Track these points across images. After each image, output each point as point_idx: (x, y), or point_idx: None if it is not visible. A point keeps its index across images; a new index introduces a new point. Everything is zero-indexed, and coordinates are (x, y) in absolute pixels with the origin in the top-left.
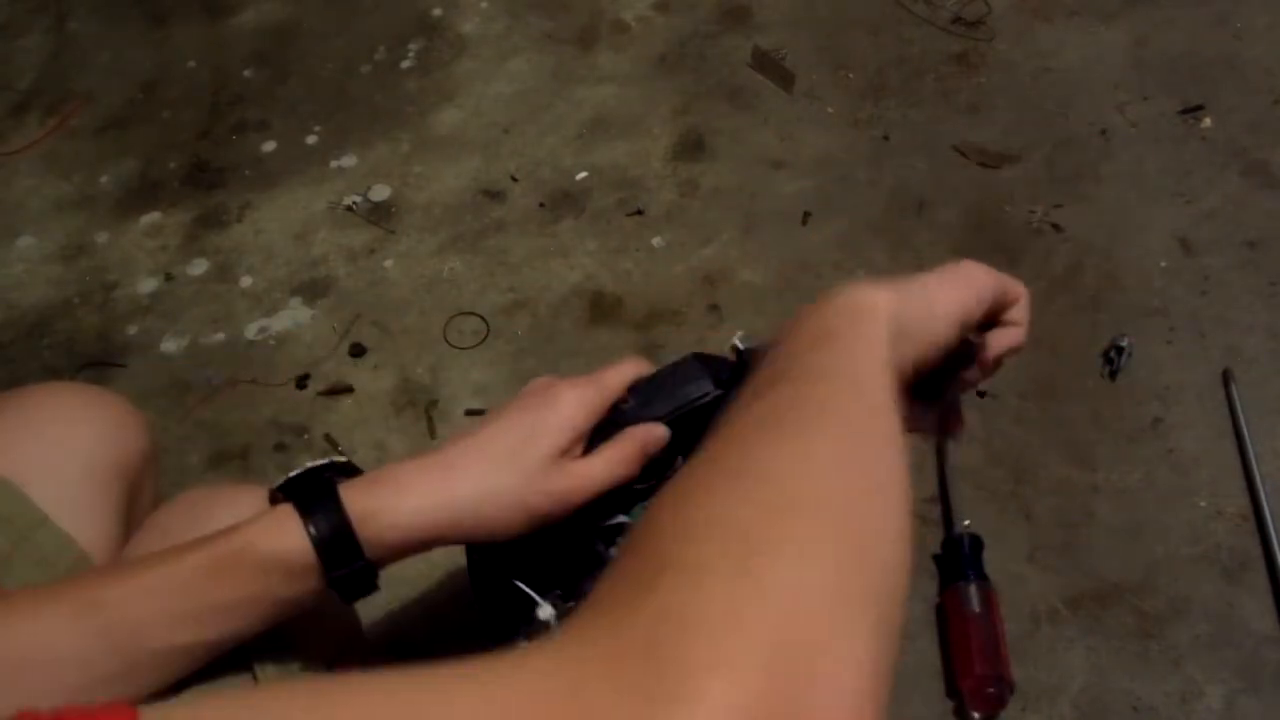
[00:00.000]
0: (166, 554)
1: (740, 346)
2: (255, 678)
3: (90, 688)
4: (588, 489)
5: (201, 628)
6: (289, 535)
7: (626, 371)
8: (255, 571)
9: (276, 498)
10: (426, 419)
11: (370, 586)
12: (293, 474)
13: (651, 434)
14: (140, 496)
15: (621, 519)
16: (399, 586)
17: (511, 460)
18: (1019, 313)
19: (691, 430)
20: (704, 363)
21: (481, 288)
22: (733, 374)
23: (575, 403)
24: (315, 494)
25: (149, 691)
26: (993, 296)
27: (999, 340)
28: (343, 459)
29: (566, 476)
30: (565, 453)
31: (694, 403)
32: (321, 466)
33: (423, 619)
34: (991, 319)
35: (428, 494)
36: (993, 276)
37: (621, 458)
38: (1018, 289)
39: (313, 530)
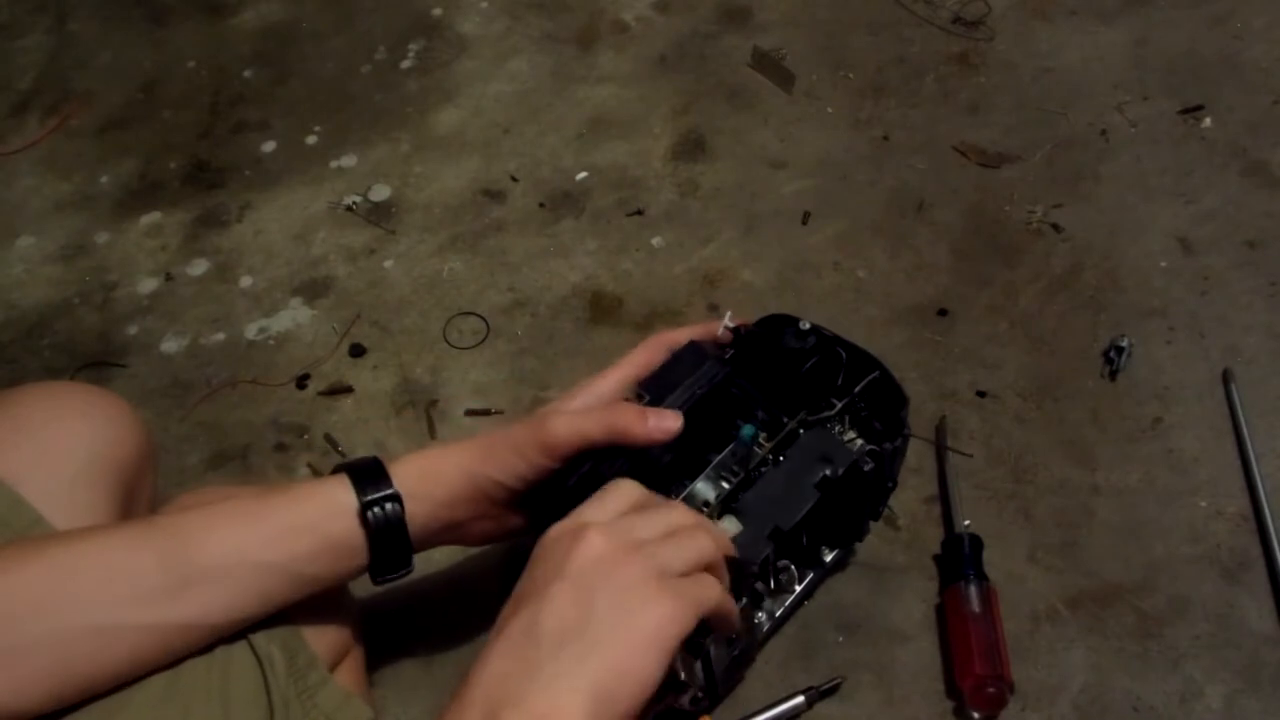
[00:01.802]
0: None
1: (731, 326)
2: (262, 668)
3: (139, 600)
4: (565, 421)
5: (246, 550)
6: (333, 477)
7: (647, 348)
8: (300, 498)
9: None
10: (426, 419)
11: (403, 549)
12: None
13: (627, 414)
14: (137, 496)
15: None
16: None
17: (510, 426)
18: None
19: (710, 412)
20: (700, 349)
21: (481, 288)
22: (733, 350)
23: (596, 380)
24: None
25: (194, 615)
26: None
27: None
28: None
29: (551, 413)
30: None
31: (712, 383)
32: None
33: (421, 629)
34: None
35: (443, 444)
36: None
37: (599, 419)
38: None
39: (350, 470)
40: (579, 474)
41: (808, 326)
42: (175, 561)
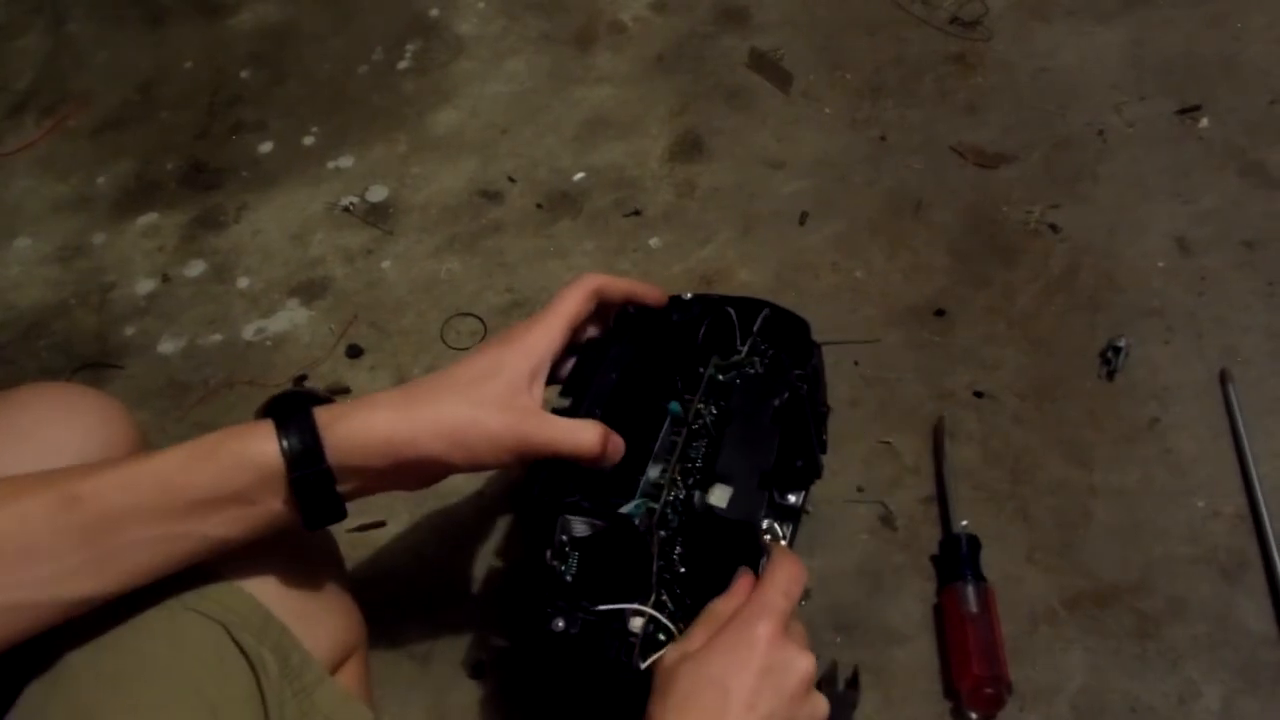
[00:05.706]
0: (147, 453)
1: (631, 310)
2: (256, 676)
3: (60, 578)
4: (543, 434)
5: (174, 522)
6: (261, 432)
7: (579, 294)
8: (228, 466)
9: (258, 414)
10: None
11: (336, 508)
12: (272, 397)
13: (615, 439)
14: None
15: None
16: (395, 585)
17: (471, 387)
18: None
19: (635, 400)
20: (600, 343)
21: (479, 288)
22: (624, 325)
23: (537, 333)
24: (289, 406)
25: (117, 586)
26: None
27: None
28: (325, 393)
29: (526, 413)
30: (530, 381)
31: (622, 365)
32: (299, 392)
33: (420, 628)
34: None
35: (387, 407)
36: None
37: (582, 431)
38: None
39: (281, 429)
40: (540, 481)
41: (689, 297)
42: (100, 544)
